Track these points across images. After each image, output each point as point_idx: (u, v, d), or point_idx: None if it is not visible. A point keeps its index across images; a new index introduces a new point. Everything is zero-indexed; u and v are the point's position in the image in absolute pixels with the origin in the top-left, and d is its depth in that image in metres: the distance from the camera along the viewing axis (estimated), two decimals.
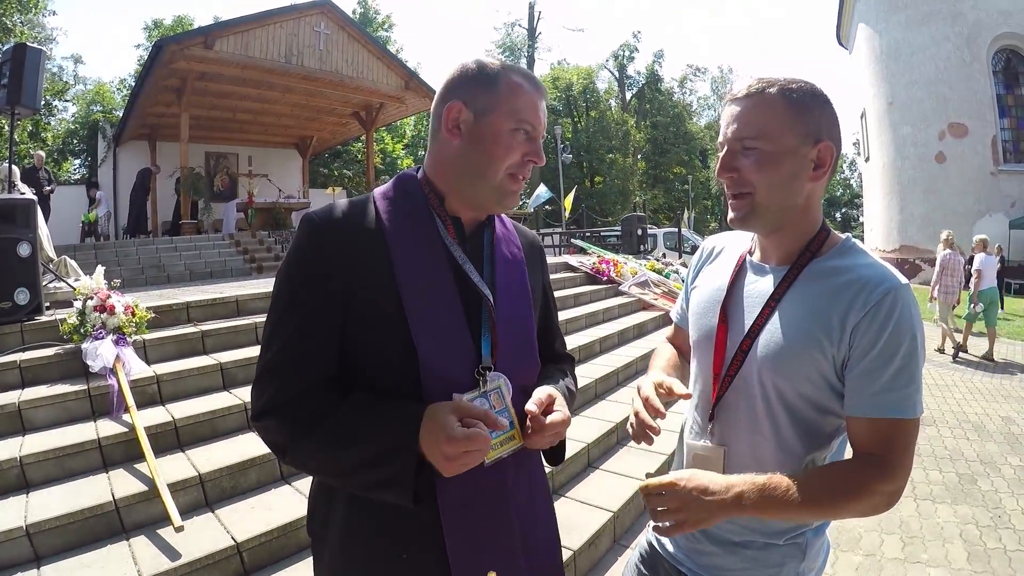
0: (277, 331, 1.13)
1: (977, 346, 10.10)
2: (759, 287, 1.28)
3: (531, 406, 1.18)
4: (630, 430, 1.34)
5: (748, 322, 1.26)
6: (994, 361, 9.31)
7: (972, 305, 9.63)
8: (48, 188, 11.66)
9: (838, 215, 59.95)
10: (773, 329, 1.21)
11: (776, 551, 1.27)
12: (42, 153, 12.49)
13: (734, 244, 1.45)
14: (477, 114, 1.17)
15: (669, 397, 1.31)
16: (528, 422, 1.19)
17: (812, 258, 1.23)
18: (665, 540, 1.47)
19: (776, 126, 1.16)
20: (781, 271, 1.26)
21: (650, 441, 1.28)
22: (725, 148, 1.22)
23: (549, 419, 1.18)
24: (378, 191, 1.25)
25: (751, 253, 1.37)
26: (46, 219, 9.33)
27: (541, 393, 1.22)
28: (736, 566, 1.30)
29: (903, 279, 1.14)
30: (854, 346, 1.12)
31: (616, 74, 47.65)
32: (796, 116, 1.16)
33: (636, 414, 1.30)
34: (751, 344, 1.23)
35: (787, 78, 1.20)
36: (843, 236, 1.27)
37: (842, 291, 1.14)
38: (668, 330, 1.70)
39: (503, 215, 1.39)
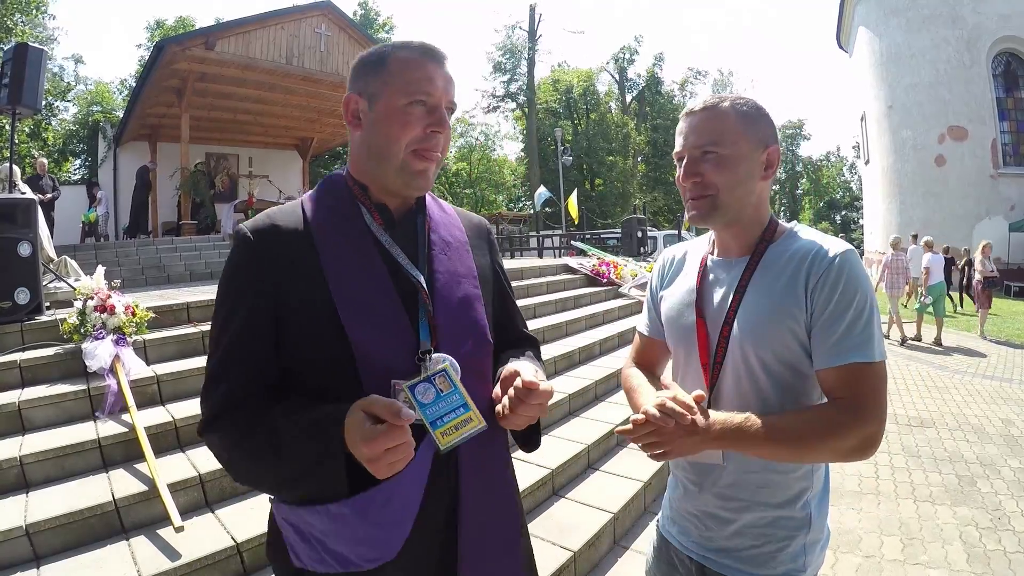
0: (218, 341, 1.15)
1: (955, 337, 10.11)
2: (725, 279, 1.42)
3: (497, 389, 1.18)
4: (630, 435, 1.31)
5: (723, 311, 1.38)
6: (943, 346, 10.77)
7: (922, 298, 11.34)
8: (49, 195, 11.20)
9: (838, 218, 59.93)
10: (747, 308, 1.34)
11: (783, 524, 1.35)
12: (44, 160, 12.19)
13: (693, 250, 1.59)
14: (370, 100, 1.18)
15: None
16: (504, 400, 1.15)
17: (768, 245, 1.38)
18: (674, 530, 1.54)
19: (731, 133, 1.33)
20: (743, 261, 1.40)
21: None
22: (686, 157, 1.38)
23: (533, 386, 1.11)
24: (306, 195, 1.27)
25: (712, 253, 1.50)
26: (50, 229, 9.30)
27: (506, 371, 1.21)
28: (745, 544, 1.38)
29: (848, 245, 1.29)
30: (814, 307, 1.26)
31: (616, 77, 47.63)
32: (747, 125, 1.34)
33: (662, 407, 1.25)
34: (730, 329, 1.35)
35: (734, 95, 1.39)
36: (789, 224, 1.43)
37: (798, 263, 1.30)
38: (628, 354, 1.73)
39: (443, 202, 1.40)
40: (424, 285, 1.19)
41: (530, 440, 1.38)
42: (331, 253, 1.15)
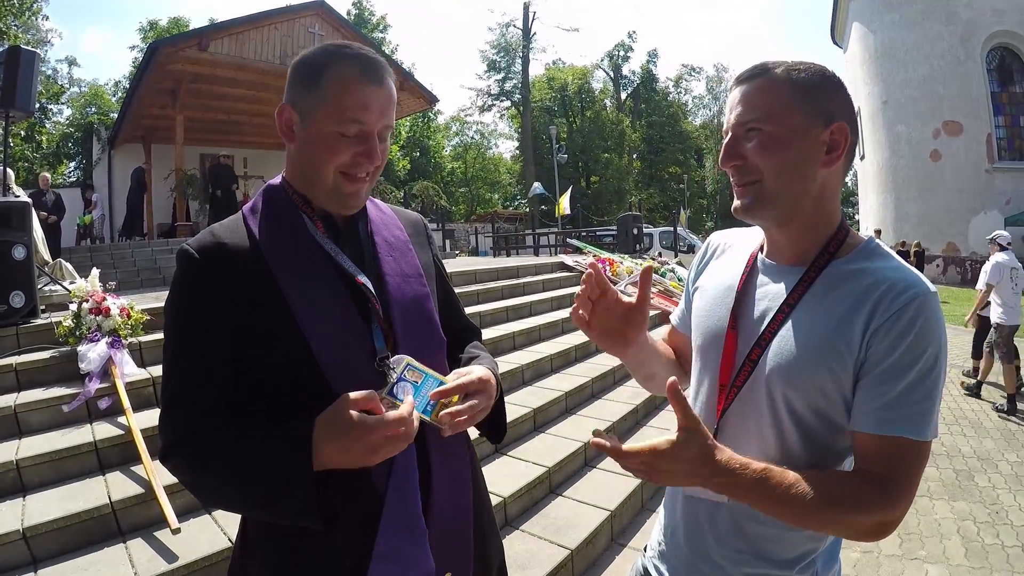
0: (173, 365, 1.12)
1: None
2: (772, 289, 1.16)
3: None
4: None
5: (760, 328, 1.14)
6: None
7: None
8: (52, 217, 10.57)
9: None
10: (787, 336, 1.09)
11: None
12: (47, 175, 11.75)
13: (743, 241, 1.32)
14: (304, 116, 1.15)
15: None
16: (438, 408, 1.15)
17: (831, 259, 1.11)
18: (664, 568, 1.33)
19: (782, 105, 1.07)
20: (797, 272, 1.13)
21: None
22: (729, 135, 1.14)
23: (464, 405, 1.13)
24: (246, 207, 1.23)
25: (762, 251, 1.24)
26: (57, 251, 9.13)
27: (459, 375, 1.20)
28: None
29: (931, 287, 1.03)
30: (870, 353, 1.01)
31: (611, 74, 47.74)
32: (804, 95, 1.07)
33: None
34: (761, 353, 1.12)
35: (795, 60, 1.11)
36: (865, 237, 1.16)
37: (865, 295, 1.03)
38: (663, 331, 1.56)
39: (379, 202, 1.39)
40: (373, 292, 1.18)
41: (494, 430, 1.37)
42: (283, 268, 1.12)
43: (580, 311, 1.24)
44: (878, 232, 10.29)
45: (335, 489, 1.05)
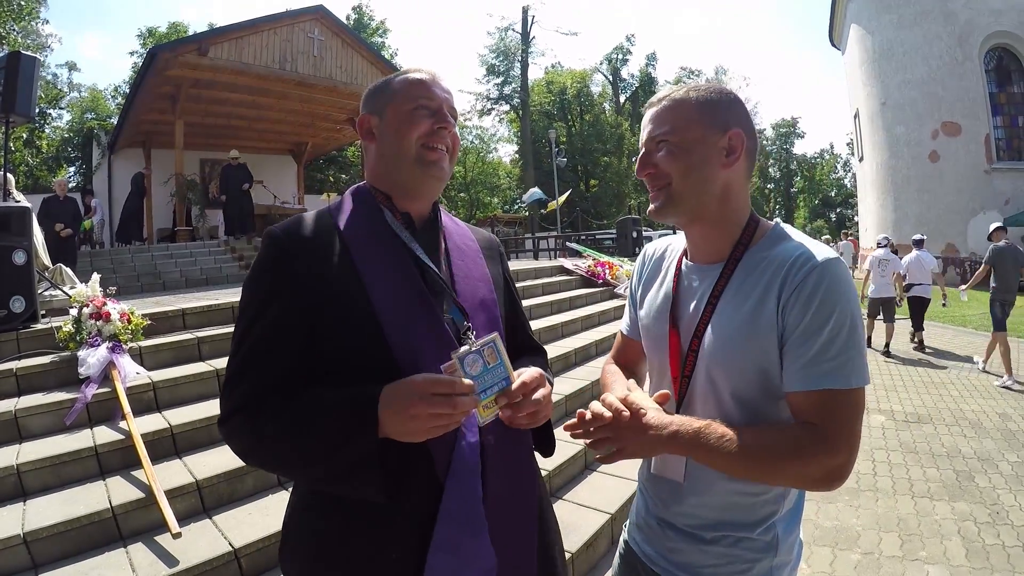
0: (244, 340, 1.18)
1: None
2: (699, 287, 1.31)
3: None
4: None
5: (695, 322, 1.28)
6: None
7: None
8: (67, 230, 9.58)
9: (832, 215, 60.05)
10: (716, 325, 1.23)
11: (747, 545, 1.25)
12: (63, 179, 10.85)
13: (671, 249, 1.48)
14: (380, 114, 1.32)
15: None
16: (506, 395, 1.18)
17: (745, 250, 1.26)
18: (639, 538, 1.45)
19: (684, 120, 1.24)
20: (717, 268, 1.28)
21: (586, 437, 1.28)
22: (643, 150, 1.30)
23: (534, 396, 1.20)
24: (332, 204, 1.34)
25: (686, 255, 1.39)
26: (74, 261, 8.87)
27: (531, 371, 1.24)
28: (708, 562, 1.29)
29: (831, 253, 1.15)
30: (786, 323, 1.14)
31: (610, 77, 47.75)
32: (703, 110, 1.24)
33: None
34: (699, 344, 1.26)
35: (696, 84, 1.30)
36: (771, 223, 1.29)
37: (775, 275, 1.16)
38: (610, 352, 1.69)
39: (455, 218, 1.49)
40: (447, 283, 1.27)
41: (543, 443, 1.43)
42: (361, 253, 1.21)
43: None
44: (887, 240, 10.39)
45: (395, 470, 1.08)
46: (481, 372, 1.10)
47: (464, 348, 1.11)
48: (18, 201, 6.07)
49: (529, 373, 1.22)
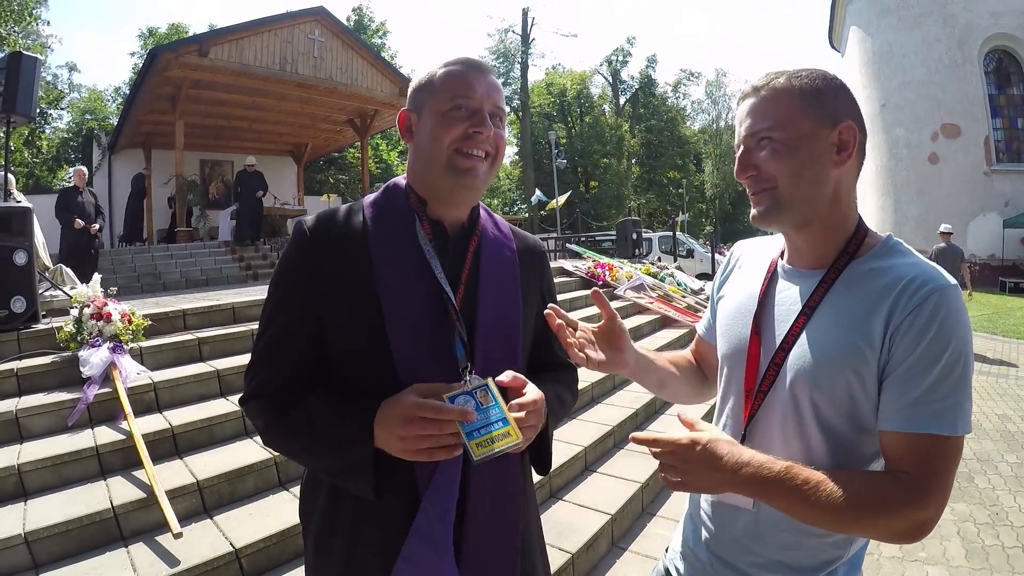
0: (266, 327, 1.24)
1: None
2: (793, 294, 1.17)
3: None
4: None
5: (781, 333, 1.15)
6: None
7: None
8: (95, 226, 9.01)
9: None
10: (809, 339, 1.10)
11: None
12: (84, 168, 9.79)
13: (764, 250, 1.34)
14: (418, 111, 1.26)
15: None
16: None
17: (850, 260, 1.12)
18: (682, 568, 1.34)
19: (788, 112, 1.09)
20: (816, 275, 1.14)
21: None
22: (741, 148, 1.16)
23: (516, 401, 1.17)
24: (368, 198, 1.31)
25: (782, 257, 1.25)
26: (94, 268, 8.20)
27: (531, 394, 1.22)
28: None
29: (951, 279, 1.01)
30: (893, 352, 1.00)
31: (610, 79, 47.79)
32: (808, 100, 1.09)
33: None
34: (784, 357, 1.12)
35: (795, 68, 1.13)
36: (883, 235, 1.15)
37: (884, 293, 1.03)
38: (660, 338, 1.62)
39: (500, 219, 1.40)
40: (455, 305, 1.20)
41: (542, 461, 1.38)
42: (383, 260, 1.19)
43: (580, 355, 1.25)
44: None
45: (384, 478, 1.12)
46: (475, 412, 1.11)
47: (457, 391, 1.11)
48: (19, 201, 6.09)
49: (530, 397, 1.19)
